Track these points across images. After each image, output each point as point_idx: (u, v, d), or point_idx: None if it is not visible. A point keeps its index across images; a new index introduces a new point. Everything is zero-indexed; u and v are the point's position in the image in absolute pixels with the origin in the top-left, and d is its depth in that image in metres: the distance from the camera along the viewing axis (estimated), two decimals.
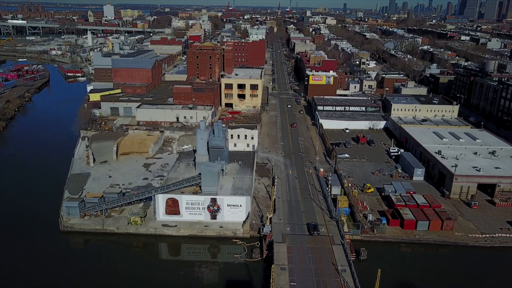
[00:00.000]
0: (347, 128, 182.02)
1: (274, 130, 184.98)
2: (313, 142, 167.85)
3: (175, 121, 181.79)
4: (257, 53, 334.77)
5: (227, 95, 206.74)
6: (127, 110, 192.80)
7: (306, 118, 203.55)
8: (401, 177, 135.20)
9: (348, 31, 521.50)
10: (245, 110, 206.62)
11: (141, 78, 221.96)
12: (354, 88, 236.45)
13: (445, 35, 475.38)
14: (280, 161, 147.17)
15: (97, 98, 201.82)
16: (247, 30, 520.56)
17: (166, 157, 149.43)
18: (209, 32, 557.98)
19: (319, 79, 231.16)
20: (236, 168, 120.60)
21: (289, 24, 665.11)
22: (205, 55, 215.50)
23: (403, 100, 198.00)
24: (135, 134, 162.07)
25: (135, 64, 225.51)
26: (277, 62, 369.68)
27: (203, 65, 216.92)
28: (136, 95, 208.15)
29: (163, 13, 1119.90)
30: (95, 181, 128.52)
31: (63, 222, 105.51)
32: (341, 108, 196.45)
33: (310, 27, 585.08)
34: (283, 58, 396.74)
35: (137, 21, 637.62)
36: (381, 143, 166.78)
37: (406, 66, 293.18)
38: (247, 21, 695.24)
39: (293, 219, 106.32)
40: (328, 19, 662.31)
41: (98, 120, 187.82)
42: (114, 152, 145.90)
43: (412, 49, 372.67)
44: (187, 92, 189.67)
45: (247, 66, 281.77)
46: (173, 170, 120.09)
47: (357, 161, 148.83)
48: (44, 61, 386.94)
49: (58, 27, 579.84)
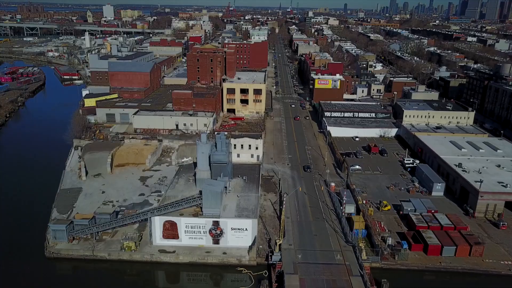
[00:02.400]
0: (357, 136, 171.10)
1: (279, 138, 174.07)
2: (321, 152, 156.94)
3: (174, 128, 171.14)
4: (259, 55, 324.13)
5: (229, 100, 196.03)
6: (124, 117, 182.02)
7: (313, 125, 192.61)
8: (419, 192, 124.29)
9: (352, 32, 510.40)
10: (248, 116, 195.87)
11: (139, 82, 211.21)
12: (361, 93, 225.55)
13: (451, 36, 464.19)
14: (287, 174, 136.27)
15: (92, 104, 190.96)
16: (248, 31, 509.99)
17: (164, 169, 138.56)
18: (210, 33, 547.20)
19: (325, 83, 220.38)
20: (240, 185, 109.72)
21: (291, 25, 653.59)
22: (206, 58, 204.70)
23: (415, 106, 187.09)
24: (132, 144, 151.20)
25: (132, 68, 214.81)
26: (280, 64, 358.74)
27: (204, 68, 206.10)
28: (133, 100, 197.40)
29: (163, 14, 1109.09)
30: (87, 198, 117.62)
31: (48, 247, 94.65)
32: (349, 114, 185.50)
33: (312, 27, 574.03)
34: (286, 60, 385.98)
35: (136, 22, 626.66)
36: (394, 153, 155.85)
37: (413, 68, 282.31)
38: (248, 22, 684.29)
39: (304, 244, 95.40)
40: (330, 20, 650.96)
41: (93, 127, 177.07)
42: (109, 164, 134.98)
43: (419, 51, 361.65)
44: (187, 97, 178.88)
45: (249, 69, 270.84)
46: (171, 187, 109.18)
47: (370, 174, 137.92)
48: (41, 63, 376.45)
49: (56, 27, 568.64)
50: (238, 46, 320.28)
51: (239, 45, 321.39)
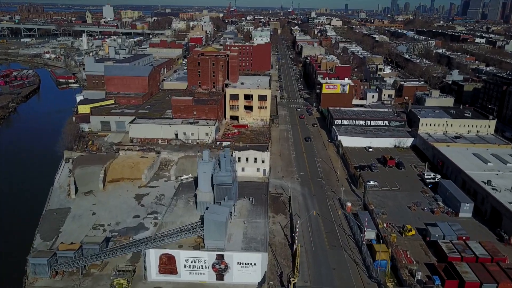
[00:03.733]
0: (370, 146, 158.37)
1: (286, 148, 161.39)
2: (333, 164, 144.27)
3: (173, 138, 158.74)
4: (262, 58, 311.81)
5: (232, 107, 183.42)
6: (120, 125, 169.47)
7: (321, 133, 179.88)
8: (444, 212, 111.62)
9: (356, 33, 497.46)
10: (252, 124, 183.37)
11: (137, 87, 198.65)
12: (372, 98, 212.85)
13: (458, 37, 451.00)
14: (297, 191, 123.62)
15: (86, 111, 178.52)
16: (250, 32, 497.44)
17: (162, 185, 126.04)
18: (211, 34, 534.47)
19: (333, 88, 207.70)
20: (247, 208, 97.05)
21: (293, 26, 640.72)
22: (207, 62, 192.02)
23: (431, 113, 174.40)
24: (127, 156, 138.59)
25: (130, 72, 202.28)
26: (284, 67, 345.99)
27: (206, 73, 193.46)
28: (130, 107, 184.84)
29: (163, 14, 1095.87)
30: (75, 220, 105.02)
31: (27, 283, 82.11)
32: (361, 122, 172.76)
33: (315, 28, 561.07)
34: (290, 62, 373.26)
35: (136, 23, 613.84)
36: (412, 166, 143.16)
37: (424, 72, 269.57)
38: (249, 22, 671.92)
39: (322, 280, 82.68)
40: (333, 20, 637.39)
41: (86, 137, 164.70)
42: (101, 180, 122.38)
43: (427, 53, 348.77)
44: (187, 104, 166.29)
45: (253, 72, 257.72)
46: (169, 211, 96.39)
47: (388, 190, 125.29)
48: (37, 65, 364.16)
49: (54, 28, 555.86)
50: (240, 48, 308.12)
51: (241, 47, 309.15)
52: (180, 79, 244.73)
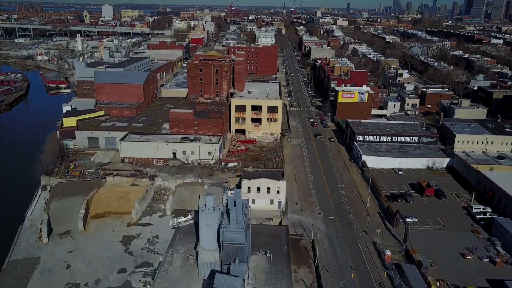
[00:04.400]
0: (400, 168, 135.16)
1: (302, 169, 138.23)
2: (359, 192, 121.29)
3: (171, 158, 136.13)
4: (268, 60, 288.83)
5: (238, 119, 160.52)
6: (110, 141, 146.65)
7: (340, 150, 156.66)
8: (508, 263, 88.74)
9: (365, 34, 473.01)
10: (261, 138, 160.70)
11: (131, 95, 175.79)
12: (393, 108, 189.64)
13: (472, 38, 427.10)
14: (321, 230, 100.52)
15: (72, 124, 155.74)
16: (254, 33, 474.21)
17: (156, 221, 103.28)
18: (213, 34, 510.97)
19: (350, 96, 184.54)
20: (263, 268, 74.09)
21: (297, 25, 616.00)
22: (210, 68, 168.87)
23: (467, 128, 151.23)
24: (115, 184, 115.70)
25: (123, 78, 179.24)
26: (291, 70, 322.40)
27: (208, 80, 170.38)
28: (123, 119, 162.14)
29: (164, 13, 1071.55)
30: (43, 277, 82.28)
31: None
32: (387, 138, 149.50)
33: (320, 28, 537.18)
34: (297, 64, 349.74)
35: (135, 22, 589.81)
36: (452, 194, 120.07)
37: (445, 77, 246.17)
38: (252, 22, 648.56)
39: None
40: (339, 20, 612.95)
41: (71, 155, 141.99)
42: (81, 218, 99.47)
43: (444, 55, 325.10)
44: (187, 118, 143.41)
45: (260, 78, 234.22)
46: (162, 273, 73.46)
47: (431, 229, 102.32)
48: (29, 67, 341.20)
49: (50, 28, 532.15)
50: (245, 50, 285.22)
51: (245, 49, 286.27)
52: (180, 85, 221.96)
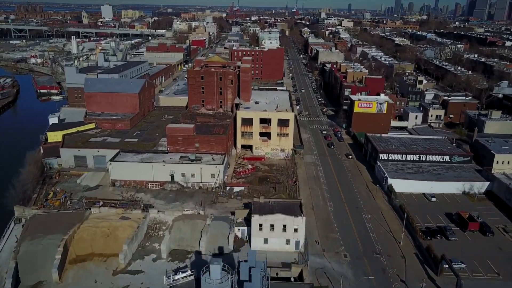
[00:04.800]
0: (432, 194, 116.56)
1: (320, 194, 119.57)
2: (389, 225, 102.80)
3: (168, 180, 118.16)
4: (274, 64, 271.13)
5: (244, 133, 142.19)
6: (99, 160, 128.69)
7: (360, 169, 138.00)
8: None
9: (372, 35, 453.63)
10: (269, 155, 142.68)
11: (125, 106, 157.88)
12: (415, 119, 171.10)
13: (484, 40, 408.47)
14: (349, 280, 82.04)
15: (58, 139, 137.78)
16: (256, 34, 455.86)
17: (149, 267, 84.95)
18: (214, 35, 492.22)
19: (367, 106, 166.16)
20: None
21: (301, 27, 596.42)
22: (213, 75, 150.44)
23: (505, 145, 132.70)
24: (101, 217, 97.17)
25: (116, 87, 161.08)
26: (297, 74, 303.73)
27: (211, 89, 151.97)
28: (115, 133, 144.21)
29: (165, 14, 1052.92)
30: None
31: None
32: (413, 157, 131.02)
33: (325, 30, 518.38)
34: (303, 68, 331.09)
35: (134, 23, 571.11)
36: (499, 228, 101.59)
37: (464, 83, 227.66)
38: (255, 23, 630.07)
39: None
40: (344, 21, 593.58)
41: (54, 177, 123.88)
42: (57, 264, 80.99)
43: (459, 58, 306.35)
44: (187, 135, 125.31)
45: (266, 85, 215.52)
46: None
47: (482, 278, 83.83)
48: (22, 70, 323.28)
49: (46, 29, 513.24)
50: (249, 54, 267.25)
51: (249, 53, 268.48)
52: (180, 92, 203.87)
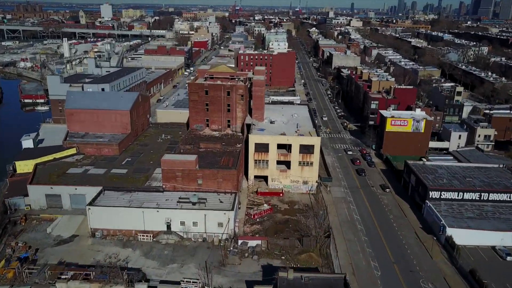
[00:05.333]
0: (505, 249, 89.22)
1: (359, 249, 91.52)
2: None
3: (164, 230, 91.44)
4: (284, 70, 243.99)
5: (258, 162, 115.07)
6: (77, 200, 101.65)
7: (403, 208, 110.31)
8: None
9: (386, 36, 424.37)
10: (289, 188, 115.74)
11: (113, 125, 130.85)
12: (458, 139, 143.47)
13: (505, 41, 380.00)
14: None
15: (29, 169, 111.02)
16: (263, 35, 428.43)
17: None
18: (217, 36, 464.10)
19: (402, 124, 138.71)
20: None
21: (308, 27, 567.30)
22: (219, 89, 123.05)
23: None
24: None
25: (103, 102, 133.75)
26: (309, 80, 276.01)
27: (217, 106, 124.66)
28: (101, 161, 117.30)
29: (167, 13, 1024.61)
30: None
31: None
32: (473, 195, 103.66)
33: (334, 30, 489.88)
34: (315, 73, 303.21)
35: (134, 23, 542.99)
36: None
37: (498, 91, 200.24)
38: (259, 23, 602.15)
39: None
40: (353, 21, 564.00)
41: (19, 223, 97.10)
42: None
43: (484, 62, 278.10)
44: (187, 169, 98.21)
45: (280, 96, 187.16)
46: None
47: None
48: (10, 75, 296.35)
49: (41, 30, 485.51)
50: (257, 58, 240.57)
51: (258, 57, 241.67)
52: (181, 104, 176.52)
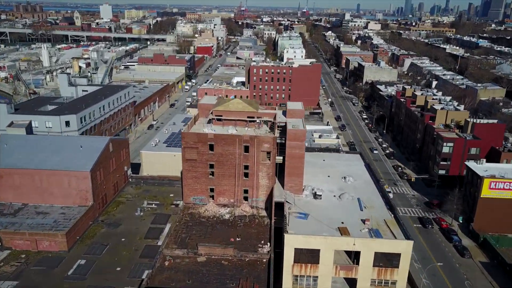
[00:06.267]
0: None
1: None
2: None
3: None
4: (307, 87, 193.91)
5: (300, 279, 65.51)
6: None
7: None
8: None
9: (414, 42, 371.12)
10: None
11: (66, 194, 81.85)
12: None
13: None
14: None
15: None
16: (273, 39, 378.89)
17: None
18: (223, 41, 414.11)
19: (507, 188, 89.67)
20: None
21: (321, 29, 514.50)
22: (233, 143, 73.75)
23: None
24: None
25: (50, 158, 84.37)
26: (335, 97, 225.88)
27: (228, 169, 75.37)
28: (33, 268, 68.15)
29: (171, 14, 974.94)
30: None
31: None
32: None
33: (351, 33, 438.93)
34: (340, 87, 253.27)
35: (132, 26, 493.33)
36: None
37: None
38: (268, 25, 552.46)
39: None
40: (371, 23, 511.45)
41: None
42: None
43: None
44: None
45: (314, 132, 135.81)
46: None
47: None
48: None
49: (31, 32, 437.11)
50: (274, 72, 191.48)
51: (274, 71, 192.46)
52: (176, 140, 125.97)
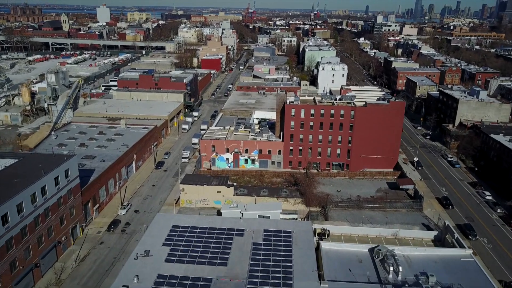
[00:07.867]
0: None
1: None
2: None
3: None
4: (379, 139, 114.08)
5: None
6: None
7: None
8: None
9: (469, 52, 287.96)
10: None
11: None
12: None
13: None
14: None
15: None
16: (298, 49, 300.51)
17: None
18: (234, 50, 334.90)
19: None
20: None
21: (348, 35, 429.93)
22: None
23: None
24: None
25: None
26: (413, 147, 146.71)
27: None
28: None
29: (176, 17, 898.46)
30: None
31: None
32: None
33: (387, 40, 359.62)
34: (409, 124, 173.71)
35: (126, 31, 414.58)
36: None
37: None
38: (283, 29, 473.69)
39: None
40: (405, 28, 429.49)
41: None
42: None
43: None
44: None
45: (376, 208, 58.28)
46: None
47: None
48: None
49: (4, 40, 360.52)
50: (324, 115, 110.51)
51: (326, 112, 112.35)
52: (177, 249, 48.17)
